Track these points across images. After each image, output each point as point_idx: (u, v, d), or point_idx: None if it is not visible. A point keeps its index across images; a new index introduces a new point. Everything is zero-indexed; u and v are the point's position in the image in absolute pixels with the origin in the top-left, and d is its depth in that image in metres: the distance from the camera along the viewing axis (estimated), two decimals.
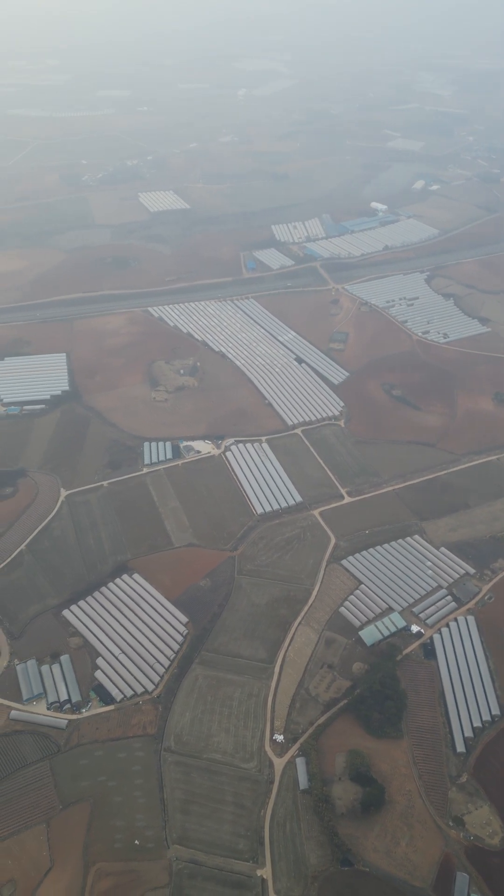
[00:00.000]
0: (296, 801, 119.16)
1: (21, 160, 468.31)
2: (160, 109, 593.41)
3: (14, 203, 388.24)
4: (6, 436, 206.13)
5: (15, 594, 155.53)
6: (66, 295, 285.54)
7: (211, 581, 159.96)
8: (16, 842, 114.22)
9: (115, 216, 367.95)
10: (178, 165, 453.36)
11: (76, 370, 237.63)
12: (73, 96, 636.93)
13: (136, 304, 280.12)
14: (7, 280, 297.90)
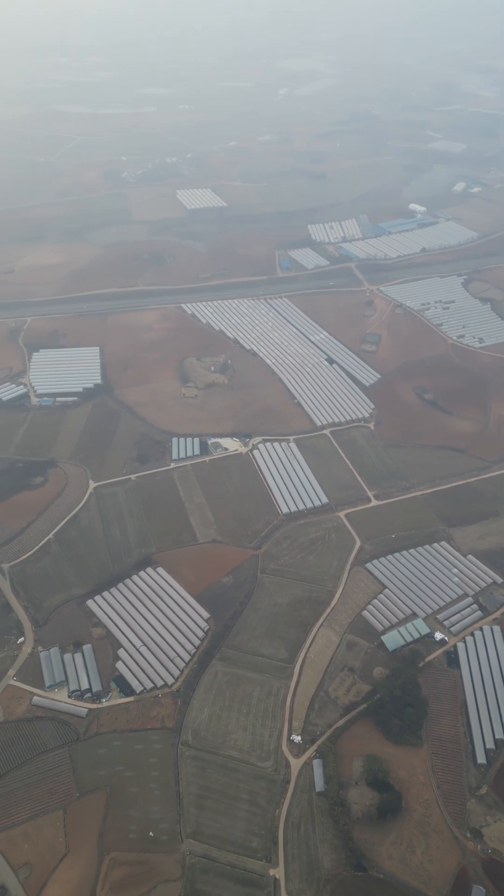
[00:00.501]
0: (311, 802, 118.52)
1: (63, 156, 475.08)
2: (201, 107, 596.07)
3: (55, 198, 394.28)
4: (38, 426, 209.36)
5: (41, 582, 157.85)
6: (102, 290, 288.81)
7: (234, 578, 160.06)
8: (33, 826, 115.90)
9: (153, 213, 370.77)
10: (217, 163, 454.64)
11: (109, 364, 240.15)
12: (115, 93, 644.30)
13: (169, 300, 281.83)
14: (45, 273, 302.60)
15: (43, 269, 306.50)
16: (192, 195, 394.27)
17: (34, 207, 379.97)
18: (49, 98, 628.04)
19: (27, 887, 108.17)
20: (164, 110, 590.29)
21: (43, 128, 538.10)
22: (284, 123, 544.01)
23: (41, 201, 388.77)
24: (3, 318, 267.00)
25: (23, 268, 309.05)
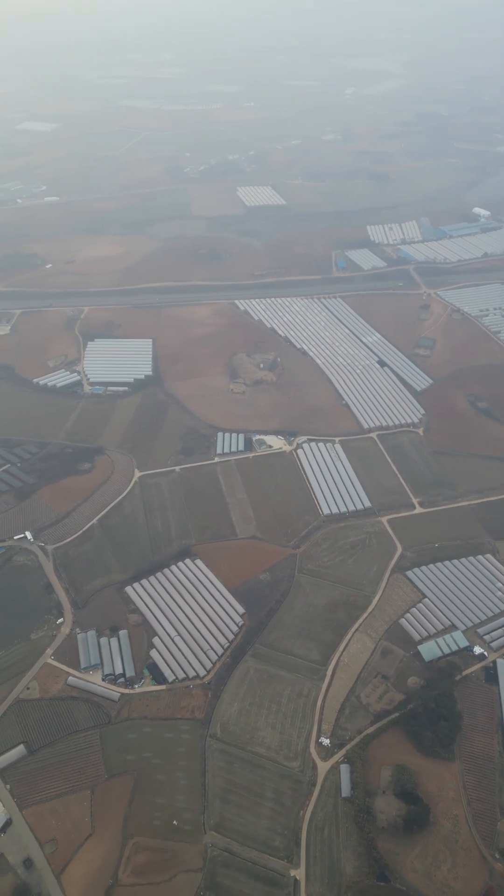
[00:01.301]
0: (336, 807, 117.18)
1: (129, 150, 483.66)
2: (266, 105, 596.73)
3: (118, 191, 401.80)
4: (89, 414, 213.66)
5: (83, 566, 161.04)
6: (158, 283, 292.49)
7: (271, 576, 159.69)
8: (61, 803, 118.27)
9: (212, 209, 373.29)
10: (279, 161, 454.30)
11: (160, 356, 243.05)
12: (183, 90, 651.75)
13: (223, 295, 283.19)
14: (104, 265, 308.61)
15: (102, 261, 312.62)
16: (252, 192, 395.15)
17: (98, 200, 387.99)
18: (119, 93, 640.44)
19: (52, 862, 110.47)
20: (229, 107, 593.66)
21: (111, 122, 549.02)
22: (349, 122, 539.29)
23: (105, 194, 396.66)
24: (62, 307, 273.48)
25: (83, 258, 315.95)
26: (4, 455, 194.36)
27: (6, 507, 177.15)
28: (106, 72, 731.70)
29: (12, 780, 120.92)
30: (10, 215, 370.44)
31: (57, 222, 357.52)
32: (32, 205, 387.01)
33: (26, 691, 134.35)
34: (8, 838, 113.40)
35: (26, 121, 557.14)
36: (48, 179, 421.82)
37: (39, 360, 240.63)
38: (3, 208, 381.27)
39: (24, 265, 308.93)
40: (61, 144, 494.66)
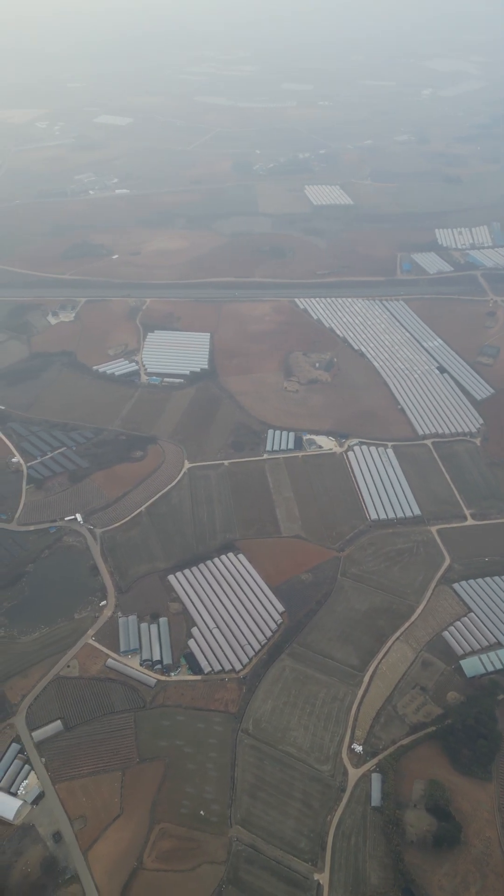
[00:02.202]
0: (365, 815, 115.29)
1: (200, 146, 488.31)
2: (340, 105, 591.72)
3: (187, 185, 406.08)
4: (145, 403, 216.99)
5: (128, 551, 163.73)
6: (220, 278, 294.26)
7: (313, 576, 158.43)
8: (93, 781, 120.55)
9: (279, 206, 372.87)
10: (349, 161, 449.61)
11: (217, 350, 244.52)
12: (257, 87, 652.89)
13: (284, 293, 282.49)
14: (169, 258, 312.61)
15: (167, 254, 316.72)
16: (319, 191, 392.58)
17: (166, 194, 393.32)
18: (194, 89, 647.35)
19: (80, 838, 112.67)
20: (303, 106, 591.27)
21: (185, 118, 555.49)
22: (424, 124, 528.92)
23: (173, 188, 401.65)
24: (125, 297, 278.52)
25: (148, 251, 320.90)
26: (61, 438, 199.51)
27: (60, 488, 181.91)
28: (183, 68, 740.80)
29: (48, 753, 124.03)
30: (81, 206, 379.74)
31: (126, 214, 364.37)
32: (103, 196, 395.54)
33: (67, 669, 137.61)
34: (40, 810, 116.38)
35: (103, 114, 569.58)
36: (120, 172, 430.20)
37: (100, 348, 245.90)
38: (75, 199, 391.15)
39: (91, 254, 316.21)
40: (135, 138, 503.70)
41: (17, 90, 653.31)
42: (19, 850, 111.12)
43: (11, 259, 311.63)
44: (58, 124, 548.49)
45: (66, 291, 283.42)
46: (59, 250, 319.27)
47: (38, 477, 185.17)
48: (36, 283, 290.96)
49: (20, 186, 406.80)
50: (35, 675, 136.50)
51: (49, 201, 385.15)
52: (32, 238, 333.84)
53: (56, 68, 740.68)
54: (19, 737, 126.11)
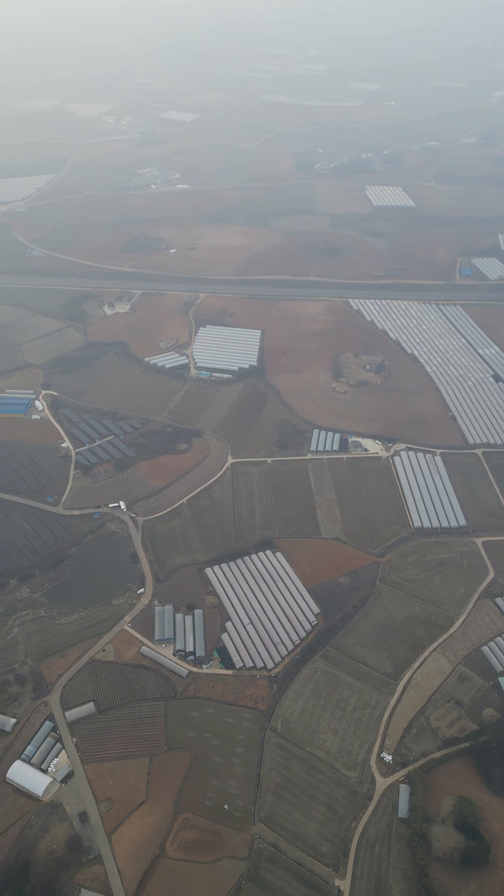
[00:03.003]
0: (391, 826, 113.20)
1: (263, 143, 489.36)
2: (407, 105, 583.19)
3: (247, 182, 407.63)
4: (192, 397, 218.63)
5: (168, 542, 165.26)
6: (275, 275, 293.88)
7: (351, 580, 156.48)
8: (121, 765, 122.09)
9: (338, 206, 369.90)
10: (413, 162, 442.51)
11: (267, 348, 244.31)
12: (324, 86, 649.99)
13: (338, 293, 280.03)
14: (225, 254, 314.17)
15: (223, 250, 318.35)
16: (380, 192, 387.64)
17: (226, 190, 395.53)
18: (261, 87, 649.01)
19: (105, 820, 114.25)
20: (369, 105, 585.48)
21: (250, 115, 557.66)
22: (494, 127, 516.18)
23: (234, 185, 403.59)
24: (179, 292, 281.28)
25: (205, 246, 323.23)
26: (110, 427, 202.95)
27: (106, 475, 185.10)
28: (251, 65, 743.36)
29: (79, 734, 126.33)
30: (143, 200, 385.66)
31: (185, 209, 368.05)
32: (165, 191, 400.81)
33: (102, 653, 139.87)
34: (68, 789, 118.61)
35: (169, 110, 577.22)
36: (182, 168, 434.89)
37: (152, 340, 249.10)
38: (137, 193, 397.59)
39: (150, 248, 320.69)
40: (199, 135, 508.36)
41: (88, 85, 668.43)
42: (46, 826, 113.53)
43: (74, 249, 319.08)
44: (125, 119, 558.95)
45: (123, 283, 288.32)
46: (119, 243, 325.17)
47: (86, 463, 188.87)
48: (95, 273, 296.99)
49: (86, 179, 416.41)
50: (71, 656, 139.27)
51: (112, 194, 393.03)
52: (95, 230, 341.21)
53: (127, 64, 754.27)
54: (53, 715, 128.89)
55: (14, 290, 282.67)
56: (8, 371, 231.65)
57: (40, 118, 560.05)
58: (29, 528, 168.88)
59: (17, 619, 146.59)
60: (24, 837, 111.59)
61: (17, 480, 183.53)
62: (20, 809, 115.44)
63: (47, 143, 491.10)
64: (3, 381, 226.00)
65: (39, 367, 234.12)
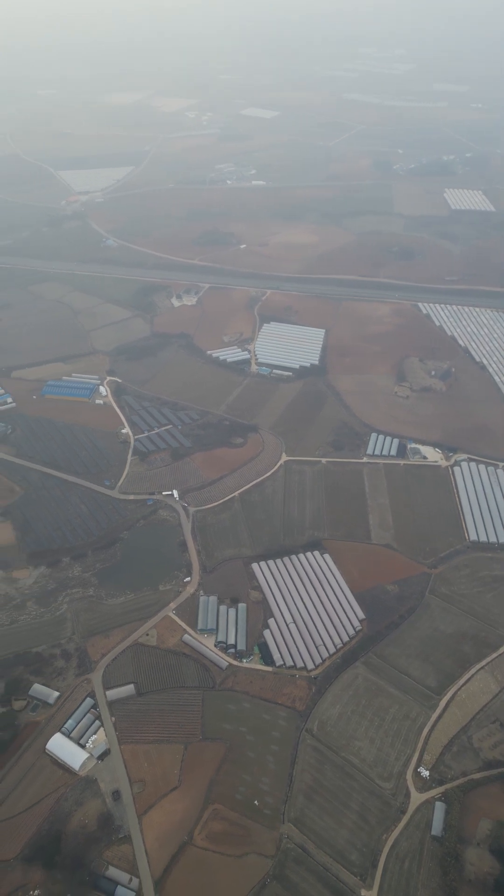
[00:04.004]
0: (423, 842, 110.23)
1: (342, 142, 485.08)
2: (494, 108, 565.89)
3: (323, 181, 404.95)
4: (251, 392, 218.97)
5: (217, 533, 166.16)
6: (344, 275, 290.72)
7: (399, 589, 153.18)
8: (156, 749, 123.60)
9: (414, 208, 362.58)
10: (497, 166, 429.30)
11: (330, 347, 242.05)
12: (409, 86, 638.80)
13: (407, 296, 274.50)
14: (295, 251, 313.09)
15: (294, 247, 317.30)
16: (459, 195, 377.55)
17: (301, 188, 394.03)
18: (344, 86, 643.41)
19: (137, 801, 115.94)
20: (454, 107, 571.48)
21: (331, 114, 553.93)
22: None
23: (309, 183, 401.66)
24: (246, 287, 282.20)
25: (276, 243, 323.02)
26: (169, 416, 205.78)
27: (162, 463, 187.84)
28: (335, 64, 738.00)
29: (118, 713, 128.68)
30: (217, 195, 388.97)
31: (258, 205, 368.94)
32: (240, 187, 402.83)
33: (145, 637, 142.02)
34: (103, 766, 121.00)
35: (250, 107, 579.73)
36: (259, 164, 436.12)
37: (216, 333, 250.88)
38: (212, 187, 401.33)
39: (221, 242, 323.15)
40: (278, 132, 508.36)
41: (172, 80, 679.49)
42: (80, 800, 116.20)
43: (147, 241, 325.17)
44: (206, 114, 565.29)
45: (192, 276, 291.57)
46: (191, 236, 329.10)
47: (143, 450, 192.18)
48: (166, 265, 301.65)
49: (164, 172, 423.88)
50: (116, 637, 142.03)
51: (188, 188, 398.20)
52: (169, 222, 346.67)
53: (211, 60, 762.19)
54: (94, 692, 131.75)
55: (88, 277, 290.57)
56: (76, 356, 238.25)
57: (124, 112, 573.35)
58: (85, 509, 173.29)
59: (67, 597, 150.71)
60: (58, 809, 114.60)
61: (77, 462, 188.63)
62: (57, 781, 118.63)
63: (130, 136, 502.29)
64: (70, 366, 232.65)
65: (106, 353, 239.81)
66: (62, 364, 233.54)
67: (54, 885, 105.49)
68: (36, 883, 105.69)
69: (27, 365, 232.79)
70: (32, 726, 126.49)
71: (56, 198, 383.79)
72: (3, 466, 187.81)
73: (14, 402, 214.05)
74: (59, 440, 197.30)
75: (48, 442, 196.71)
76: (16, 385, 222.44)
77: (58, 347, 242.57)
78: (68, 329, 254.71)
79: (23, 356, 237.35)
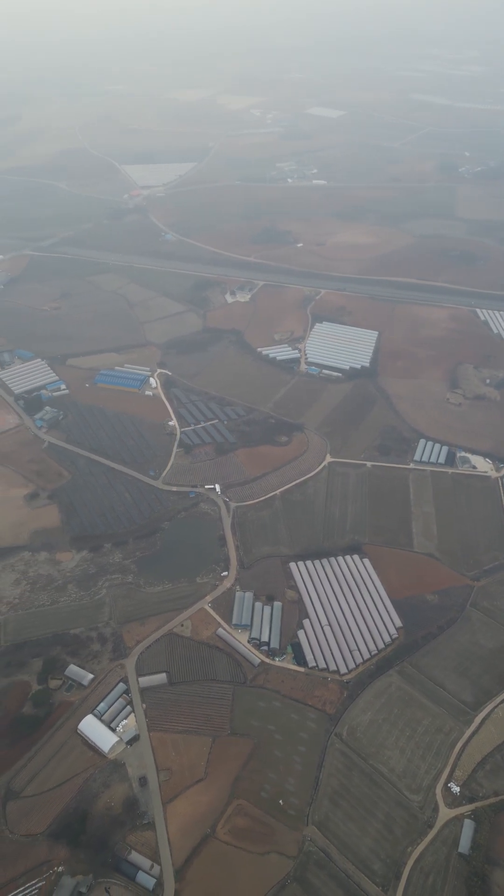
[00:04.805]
0: (449, 859, 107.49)
1: (407, 143, 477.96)
2: None
3: (385, 182, 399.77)
4: (299, 391, 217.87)
5: (256, 530, 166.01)
6: (401, 278, 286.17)
7: (439, 599, 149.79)
8: (184, 739, 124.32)
9: (478, 212, 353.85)
10: None
11: (382, 350, 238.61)
12: (480, 89, 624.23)
13: (465, 302, 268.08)
14: (353, 252, 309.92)
15: (351, 248, 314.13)
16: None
17: (362, 188, 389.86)
18: (412, 86, 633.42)
19: (162, 789, 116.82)
20: None
21: (398, 114, 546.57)
22: None
23: (370, 184, 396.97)
24: (301, 286, 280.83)
25: (334, 243, 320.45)
26: (216, 411, 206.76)
27: (206, 457, 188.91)
28: (404, 64, 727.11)
29: (149, 701, 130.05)
30: (277, 193, 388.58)
31: (317, 205, 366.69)
32: (300, 185, 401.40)
33: (180, 627, 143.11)
34: (132, 751, 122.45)
35: (316, 106, 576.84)
36: (321, 163, 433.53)
37: (267, 331, 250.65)
38: (272, 185, 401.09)
39: (278, 241, 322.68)
40: (343, 131, 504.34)
41: (239, 78, 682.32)
42: (107, 782, 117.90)
43: (205, 236, 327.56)
44: (271, 112, 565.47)
45: (247, 273, 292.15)
46: (248, 233, 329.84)
47: (189, 443, 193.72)
48: (222, 261, 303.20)
49: (226, 169, 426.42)
50: (151, 625, 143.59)
51: (249, 185, 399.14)
52: (227, 218, 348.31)
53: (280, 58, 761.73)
54: (127, 678, 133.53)
55: (145, 270, 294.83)
56: (129, 347, 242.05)
57: (191, 108, 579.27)
58: (129, 497, 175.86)
59: (106, 582, 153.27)
60: (86, 789, 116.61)
61: (124, 451, 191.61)
62: (86, 762, 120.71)
63: (194, 132, 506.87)
64: (123, 356, 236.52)
65: (158, 346, 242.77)
66: (115, 354, 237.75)
67: (78, 863, 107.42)
68: (60, 860, 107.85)
69: (82, 353, 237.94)
70: (66, 706, 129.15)
71: (119, 191, 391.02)
72: (54, 451, 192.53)
73: (67, 389, 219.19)
74: (108, 428, 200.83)
75: (97, 429, 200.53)
76: (70, 373, 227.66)
77: (112, 338, 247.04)
78: (123, 320, 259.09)
79: (78, 344, 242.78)
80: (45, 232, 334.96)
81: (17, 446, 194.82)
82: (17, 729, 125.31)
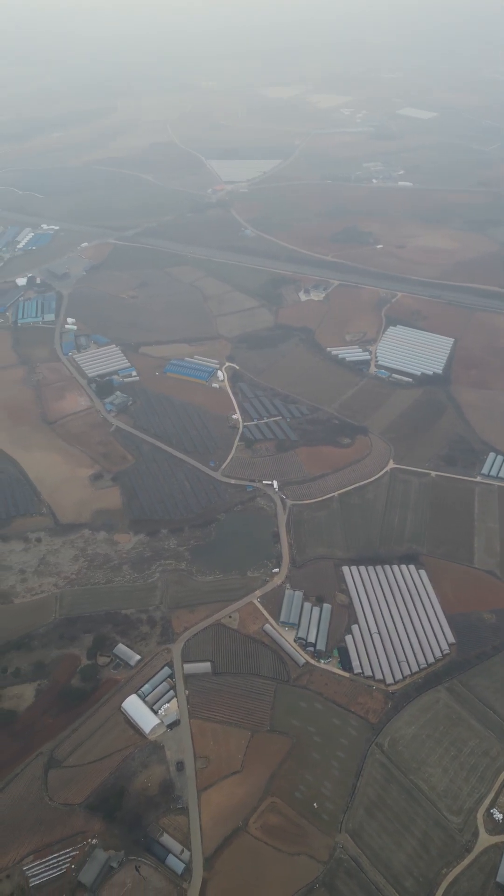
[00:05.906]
0: (486, 888, 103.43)
1: (500, 147, 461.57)
2: None
3: (473, 186, 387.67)
4: (366, 394, 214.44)
5: (311, 530, 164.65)
6: (482, 285, 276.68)
7: (496, 619, 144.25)
8: (223, 730, 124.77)
9: None
10: None
11: (456, 358, 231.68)
12: None
13: None
14: (433, 256, 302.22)
15: (432, 252, 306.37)
16: None
17: (449, 192, 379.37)
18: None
19: (198, 777, 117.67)
20: None
21: (493, 117, 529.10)
22: None
23: (458, 188, 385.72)
24: (377, 287, 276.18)
25: (414, 246, 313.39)
26: (279, 408, 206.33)
27: (266, 453, 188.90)
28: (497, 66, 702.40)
29: (192, 688, 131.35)
30: (361, 192, 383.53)
31: (401, 206, 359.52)
32: (385, 186, 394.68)
33: (228, 619, 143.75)
34: (172, 735, 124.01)
35: (407, 107, 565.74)
36: (408, 165, 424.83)
37: (339, 332, 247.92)
38: (358, 185, 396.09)
39: (357, 241, 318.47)
40: (433, 133, 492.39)
41: (330, 77, 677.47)
42: (146, 763, 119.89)
43: (284, 233, 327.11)
44: (361, 112, 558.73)
45: (323, 272, 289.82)
46: (328, 232, 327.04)
47: (250, 437, 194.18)
48: (298, 259, 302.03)
49: (311, 167, 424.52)
50: (200, 613, 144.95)
51: (333, 184, 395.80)
52: (307, 217, 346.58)
53: (372, 58, 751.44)
54: (172, 663, 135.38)
55: (222, 264, 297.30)
56: (201, 339, 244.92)
57: (280, 106, 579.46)
58: (188, 486, 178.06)
59: (160, 566, 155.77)
60: (124, 766, 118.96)
61: (186, 440, 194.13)
62: (127, 740, 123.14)
63: (282, 129, 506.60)
64: (194, 348, 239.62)
65: (228, 339, 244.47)
66: (186, 345, 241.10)
67: (111, 838, 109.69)
68: (95, 832, 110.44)
69: (155, 342, 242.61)
70: (112, 683, 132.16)
71: (203, 185, 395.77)
72: (120, 435, 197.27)
73: (138, 375, 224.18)
74: (174, 417, 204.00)
75: (163, 417, 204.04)
76: (142, 360, 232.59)
77: (185, 329, 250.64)
78: (197, 312, 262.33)
79: (152, 333, 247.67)
80: (128, 222, 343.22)
81: (87, 427, 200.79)
82: (64, 700, 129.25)
